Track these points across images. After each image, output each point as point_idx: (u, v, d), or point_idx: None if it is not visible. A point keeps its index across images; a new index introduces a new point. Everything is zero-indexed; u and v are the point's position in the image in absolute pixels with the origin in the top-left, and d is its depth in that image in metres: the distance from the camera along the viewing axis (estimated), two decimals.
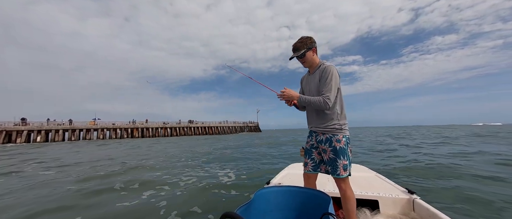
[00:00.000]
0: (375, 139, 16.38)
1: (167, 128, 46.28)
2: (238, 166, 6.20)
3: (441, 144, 10.93)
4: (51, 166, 7.27)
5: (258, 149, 12.03)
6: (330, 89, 1.42)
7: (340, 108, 1.52)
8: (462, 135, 18.24)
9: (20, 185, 4.56)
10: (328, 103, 1.41)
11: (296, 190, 1.35)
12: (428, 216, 1.48)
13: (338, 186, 1.47)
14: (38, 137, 30.85)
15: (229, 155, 9.20)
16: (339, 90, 1.52)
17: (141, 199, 3.38)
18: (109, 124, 39.60)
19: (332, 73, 1.44)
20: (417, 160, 6.20)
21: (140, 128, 41.91)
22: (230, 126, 60.80)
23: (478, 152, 7.48)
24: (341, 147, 1.45)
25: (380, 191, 1.84)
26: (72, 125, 35.25)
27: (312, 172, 1.60)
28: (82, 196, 3.63)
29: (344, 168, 1.43)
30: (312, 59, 1.57)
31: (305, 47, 1.53)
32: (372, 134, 28.08)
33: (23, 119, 32.03)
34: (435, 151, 8.38)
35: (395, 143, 12.57)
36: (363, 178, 2.31)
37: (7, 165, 7.82)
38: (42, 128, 31.81)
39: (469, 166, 5.09)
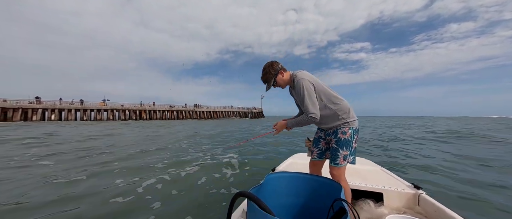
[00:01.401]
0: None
1: (174, 111, 46.92)
2: (244, 151, 6.29)
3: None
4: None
5: None
6: (307, 104, 1.42)
7: (337, 106, 1.49)
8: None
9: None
10: (313, 117, 1.41)
11: (307, 177, 1.33)
12: (433, 211, 1.45)
13: (332, 175, 1.47)
14: (53, 116, 31.85)
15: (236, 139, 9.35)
16: (322, 92, 1.48)
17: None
18: (118, 105, 40.34)
19: (302, 87, 1.44)
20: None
21: (147, 110, 42.62)
22: (234, 111, 61.17)
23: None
24: (346, 138, 1.45)
25: (385, 184, 1.81)
26: (83, 105, 36.07)
27: (317, 159, 1.62)
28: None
29: (344, 158, 1.45)
30: (284, 80, 1.58)
31: (272, 76, 1.54)
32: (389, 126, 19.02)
33: (37, 97, 32.88)
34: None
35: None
36: (368, 171, 2.26)
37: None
38: (55, 106, 32.68)
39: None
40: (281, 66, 1.56)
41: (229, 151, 6.22)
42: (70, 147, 6.79)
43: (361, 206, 1.65)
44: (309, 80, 1.47)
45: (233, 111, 60.90)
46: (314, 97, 1.45)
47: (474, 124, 22.37)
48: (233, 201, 0.86)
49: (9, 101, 29.67)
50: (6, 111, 28.27)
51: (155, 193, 2.87)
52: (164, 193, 2.86)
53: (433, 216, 1.43)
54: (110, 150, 6.37)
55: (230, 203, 0.85)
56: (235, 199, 0.86)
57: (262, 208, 0.75)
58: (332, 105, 1.48)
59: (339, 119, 1.48)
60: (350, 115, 1.49)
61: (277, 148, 6.92)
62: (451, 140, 8.76)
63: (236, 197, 0.85)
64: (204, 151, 6.29)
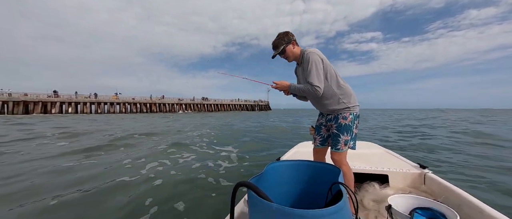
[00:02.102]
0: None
1: (182, 104, 47.76)
2: (251, 141, 6.36)
3: None
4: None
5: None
6: (313, 75, 1.39)
7: (340, 89, 1.46)
8: None
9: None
10: (316, 89, 1.38)
11: (306, 164, 1.33)
12: (439, 189, 1.43)
13: (333, 160, 1.46)
14: (70, 108, 33.33)
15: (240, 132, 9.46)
16: (329, 72, 1.45)
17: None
18: (129, 98, 41.52)
19: (311, 59, 1.41)
20: None
21: (157, 103, 43.62)
22: (241, 104, 61.42)
23: None
24: (346, 123, 1.44)
25: (391, 166, 1.79)
26: (97, 98, 37.41)
27: (320, 146, 1.61)
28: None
29: (344, 143, 1.43)
30: (293, 52, 1.54)
31: (283, 43, 1.51)
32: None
33: (55, 91, 34.40)
34: None
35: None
36: (373, 154, 2.26)
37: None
38: (72, 100, 34.12)
39: None
40: (295, 39, 1.54)
41: (230, 145, 6.30)
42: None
43: (366, 189, 1.64)
44: (319, 56, 1.44)
45: (240, 103, 61.15)
46: (322, 72, 1.42)
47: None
48: (235, 191, 0.89)
49: (29, 95, 31.26)
50: (28, 104, 29.84)
51: (160, 179, 2.95)
52: (168, 182, 2.94)
53: (439, 194, 1.42)
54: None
55: (232, 193, 0.88)
56: (236, 189, 0.89)
57: (261, 196, 0.77)
58: (335, 88, 1.46)
59: (339, 103, 1.46)
60: (352, 100, 1.47)
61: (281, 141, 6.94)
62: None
63: (237, 187, 0.87)
64: (212, 143, 6.42)
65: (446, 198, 1.33)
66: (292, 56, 1.55)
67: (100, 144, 5.75)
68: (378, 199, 1.49)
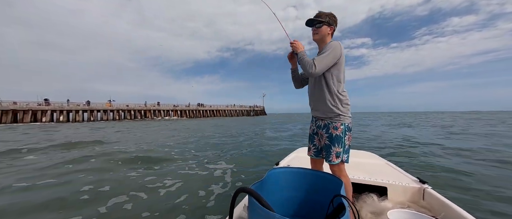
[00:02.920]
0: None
1: (178, 110, 47.14)
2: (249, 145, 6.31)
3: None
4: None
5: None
6: (323, 56, 1.33)
7: (340, 93, 1.41)
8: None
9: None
10: (314, 67, 1.31)
11: (308, 172, 1.34)
12: (438, 205, 1.41)
13: (332, 171, 1.43)
14: (61, 117, 32.26)
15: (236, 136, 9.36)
16: (337, 68, 1.39)
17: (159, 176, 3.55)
18: (123, 105, 40.66)
19: (333, 46, 1.36)
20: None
21: (152, 110, 42.89)
22: (237, 110, 61.21)
23: None
24: (337, 134, 1.39)
25: (390, 179, 1.76)
26: (90, 106, 36.47)
27: (314, 157, 1.57)
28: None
29: (336, 155, 1.38)
30: (325, 35, 1.46)
31: (326, 19, 1.44)
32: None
33: (46, 99, 33.32)
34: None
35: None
36: (372, 164, 2.23)
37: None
38: (64, 108, 33.08)
39: None
40: (335, 28, 1.48)
41: (230, 153, 6.22)
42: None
43: (365, 200, 1.61)
44: (342, 50, 1.38)
45: (235, 109, 60.93)
46: (332, 62, 1.36)
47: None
48: (235, 197, 0.87)
49: (19, 103, 30.12)
50: (17, 112, 28.73)
51: (162, 188, 2.92)
52: (170, 187, 2.91)
53: (438, 210, 1.40)
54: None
55: (232, 199, 0.86)
56: (236, 195, 0.87)
57: (262, 204, 0.75)
58: (334, 89, 1.40)
59: (332, 106, 1.40)
60: (345, 110, 1.41)
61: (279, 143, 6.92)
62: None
63: (237, 192, 0.85)
64: (210, 149, 6.33)
65: (446, 216, 1.31)
66: (320, 36, 1.47)
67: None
68: (376, 212, 1.48)
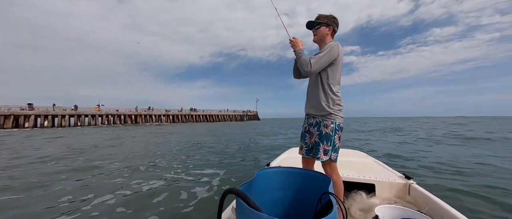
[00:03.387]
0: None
1: (170, 115, 46.29)
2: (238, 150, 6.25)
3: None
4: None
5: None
6: (320, 56, 1.36)
7: (331, 90, 1.42)
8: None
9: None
10: (310, 66, 1.35)
11: (297, 171, 1.32)
12: (423, 200, 1.47)
13: (324, 170, 1.44)
14: (45, 122, 30.81)
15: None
16: (333, 68, 1.41)
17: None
18: (113, 110, 39.47)
19: (330, 46, 1.38)
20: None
21: (143, 115, 41.88)
22: (230, 114, 60.92)
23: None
24: (327, 132, 1.40)
25: (377, 176, 1.83)
26: (77, 110, 35.11)
27: (306, 155, 1.57)
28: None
29: (324, 153, 1.39)
30: (324, 36, 1.49)
31: (324, 20, 1.48)
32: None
33: (30, 103, 31.80)
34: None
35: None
36: (361, 163, 2.30)
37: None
38: (48, 113, 31.65)
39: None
40: (335, 29, 1.50)
41: (221, 157, 6.15)
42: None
43: (354, 198, 1.65)
44: (339, 51, 1.39)
45: (228, 114, 60.61)
46: (328, 62, 1.38)
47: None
48: (222, 198, 0.84)
49: (0, 108, 28.55)
50: None
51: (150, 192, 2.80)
52: (156, 193, 2.79)
53: (422, 204, 1.45)
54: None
55: (220, 200, 0.84)
56: (224, 196, 0.84)
57: (250, 205, 0.73)
58: (328, 88, 1.42)
59: (324, 104, 1.42)
60: (336, 109, 1.43)
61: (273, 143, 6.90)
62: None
63: (225, 194, 0.82)
64: (202, 151, 6.20)
65: (430, 209, 1.36)
66: (319, 37, 1.50)
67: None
68: (365, 208, 1.51)
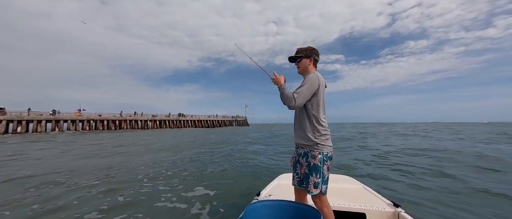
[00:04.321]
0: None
1: (157, 121, 44.69)
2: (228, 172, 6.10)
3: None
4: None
5: None
6: (301, 90, 1.40)
7: (316, 119, 1.43)
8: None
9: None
10: (293, 100, 1.38)
11: (287, 205, 1.31)
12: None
13: (314, 203, 1.43)
14: (19, 128, 28.35)
15: None
16: (316, 99, 1.44)
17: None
18: (95, 115, 37.35)
19: (310, 78, 1.43)
20: None
21: (128, 120, 40.05)
22: (219, 120, 60.13)
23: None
24: (315, 163, 1.39)
25: (367, 204, 1.84)
26: (55, 115, 32.77)
27: (297, 187, 1.56)
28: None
29: (314, 186, 1.37)
30: (306, 67, 1.55)
31: (303, 53, 1.55)
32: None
33: (1, 108, 29.16)
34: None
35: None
36: (350, 189, 2.32)
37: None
38: (22, 118, 29.20)
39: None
40: (316, 58, 1.56)
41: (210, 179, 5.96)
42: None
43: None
44: (319, 82, 1.44)
45: (218, 119, 59.80)
46: (310, 94, 1.42)
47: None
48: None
49: None
50: None
51: None
52: None
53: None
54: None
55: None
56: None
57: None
58: (314, 119, 1.44)
59: (310, 134, 1.43)
60: (324, 140, 1.43)
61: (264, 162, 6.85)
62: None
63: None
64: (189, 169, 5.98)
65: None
66: (302, 69, 1.57)
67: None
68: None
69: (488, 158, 6.41)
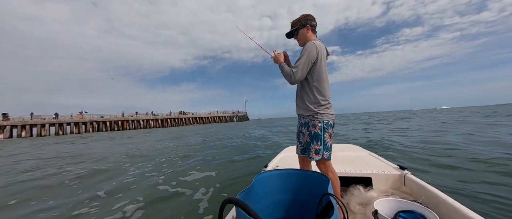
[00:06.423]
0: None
1: (158, 120, 44.70)
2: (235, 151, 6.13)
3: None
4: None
5: None
6: (299, 63, 1.34)
7: (317, 90, 1.39)
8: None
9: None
10: (294, 74, 1.34)
11: (295, 172, 1.29)
12: (418, 189, 1.47)
13: (319, 168, 1.43)
14: (23, 132, 28.32)
15: None
16: (316, 69, 1.37)
17: None
18: (97, 117, 37.30)
19: (306, 49, 1.35)
20: None
21: (130, 120, 40.03)
22: (220, 116, 60.20)
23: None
24: (315, 132, 1.38)
25: (373, 169, 1.82)
26: (58, 119, 32.69)
27: (301, 154, 1.56)
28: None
29: (315, 152, 1.37)
30: (306, 37, 1.46)
31: (298, 25, 1.46)
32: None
33: (4, 114, 29.04)
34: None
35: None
36: (356, 157, 2.29)
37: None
38: (26, 122, 29.13)
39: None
40: (313, 24, 1.45)
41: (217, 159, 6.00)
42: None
43: (352, 192, 1.63)
44: (317, 50, 1.34)
45: (218, 115, 59.87)
46: (308, 66, 1.35)
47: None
48: (222, 209, 0.81)
49: None
50: None
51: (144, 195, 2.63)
52: (154, 197, 2.63)
53: (419, 194, 1.46)
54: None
55: (220, 211, 0.80)
56: (223, 206, 0.81)
57: (250, 214, 0.70)
58: (315, 89, 1.38)
59: (309, 104, 1.39)
60: (323, 109, 1.39)
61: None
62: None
63: (224, 204, 0.79)
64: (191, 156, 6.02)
65: (425, 199, 1.37)
66: (302, 40, 1.47)
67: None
68: (363, 202, 1.49)
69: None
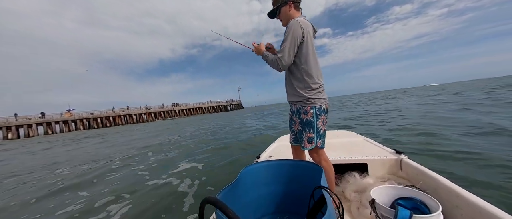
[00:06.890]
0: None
1: (152, 113, 43.81)
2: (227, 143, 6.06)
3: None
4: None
5: None
6: (285, 47, 1.22)
7: (306, 73, 1.26)
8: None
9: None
10: (281, 61, 1.23)
11: (286, 163, 1.20)
12: (415, 174, 1.43)
13: (312, 157, 1.33)
14: (9, 134, 27.15)
15: None
16: (303, 49, 1.24)
17: None
18: (87, 114, 36.09)
19: (290, 28, 1.21)
20: None
21: (122, 115, 39.03)
22: (214, 106, 59.67)
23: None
24: (307, 119, 1.27)
25: (369, 155, 1.76)
26: (45, 118, 31.38)
27: (294, 143, 1.47)
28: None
29: (308, 141, 1.28)
30: (287, 15, 1.33)
31: (279, 2, 1.33)
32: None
33: None
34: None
35: None
36: (351, 143, 2.23)
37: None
38: (10, 124, 27.81)
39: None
40: (293, 1, 1.31)
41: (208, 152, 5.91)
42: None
43: (348, 180, 1.57)
44: (302, 28, 1.21)
45: (212, 105, 59.30)
46: (294, 47, 1.22)
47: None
48: (201, 208, 0.70)
49: None
50: None
51: None
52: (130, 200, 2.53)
53: (416, 179, 1.42)
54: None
55: (200, 210, 0.70)
56: (203, 207, 0.70)
57: (229, 216, 0.60)
58: (304, 72, 1.26)
59: (299, 89, 1.28)
60: (315, 93, 1.27)
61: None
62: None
63: (203, 204, 0.69)
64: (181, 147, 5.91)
65: (423, 183, 1.32)
66: (285, 19, 1.34)
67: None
68: (359, 189, 1.44)
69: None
